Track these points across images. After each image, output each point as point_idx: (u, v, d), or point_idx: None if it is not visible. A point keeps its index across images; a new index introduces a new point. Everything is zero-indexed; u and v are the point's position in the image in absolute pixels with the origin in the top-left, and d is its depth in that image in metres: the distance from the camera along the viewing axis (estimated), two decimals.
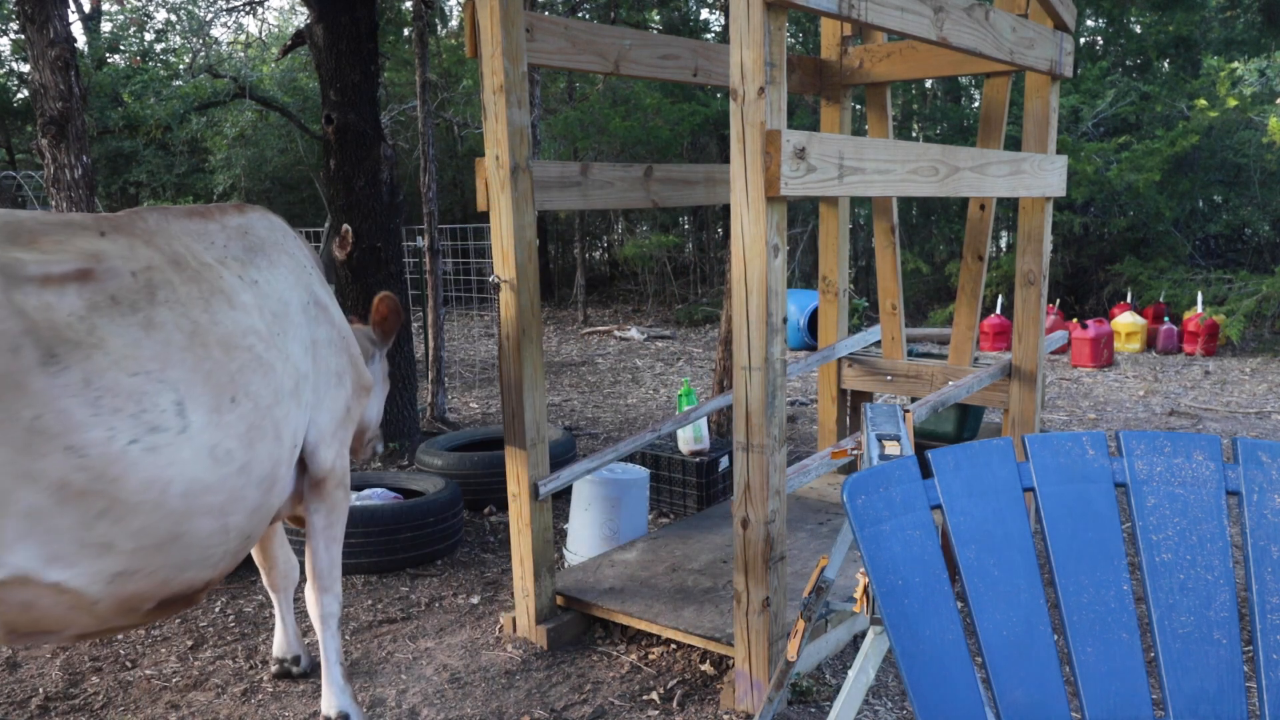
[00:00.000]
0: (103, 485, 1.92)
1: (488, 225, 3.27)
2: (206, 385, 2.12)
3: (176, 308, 2.13)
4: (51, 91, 3.99)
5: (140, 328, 2.03)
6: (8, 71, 12.88)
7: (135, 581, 2.05)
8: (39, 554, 1.89)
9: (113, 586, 2.02)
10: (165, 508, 2.03)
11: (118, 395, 1.95)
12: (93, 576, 1.98)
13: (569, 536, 4.12)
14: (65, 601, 1.98)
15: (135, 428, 1.97)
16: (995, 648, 1.66)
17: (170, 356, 2.06)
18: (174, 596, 2.19)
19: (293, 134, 14.74)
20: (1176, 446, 1.77)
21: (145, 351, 2.02)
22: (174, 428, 2.03)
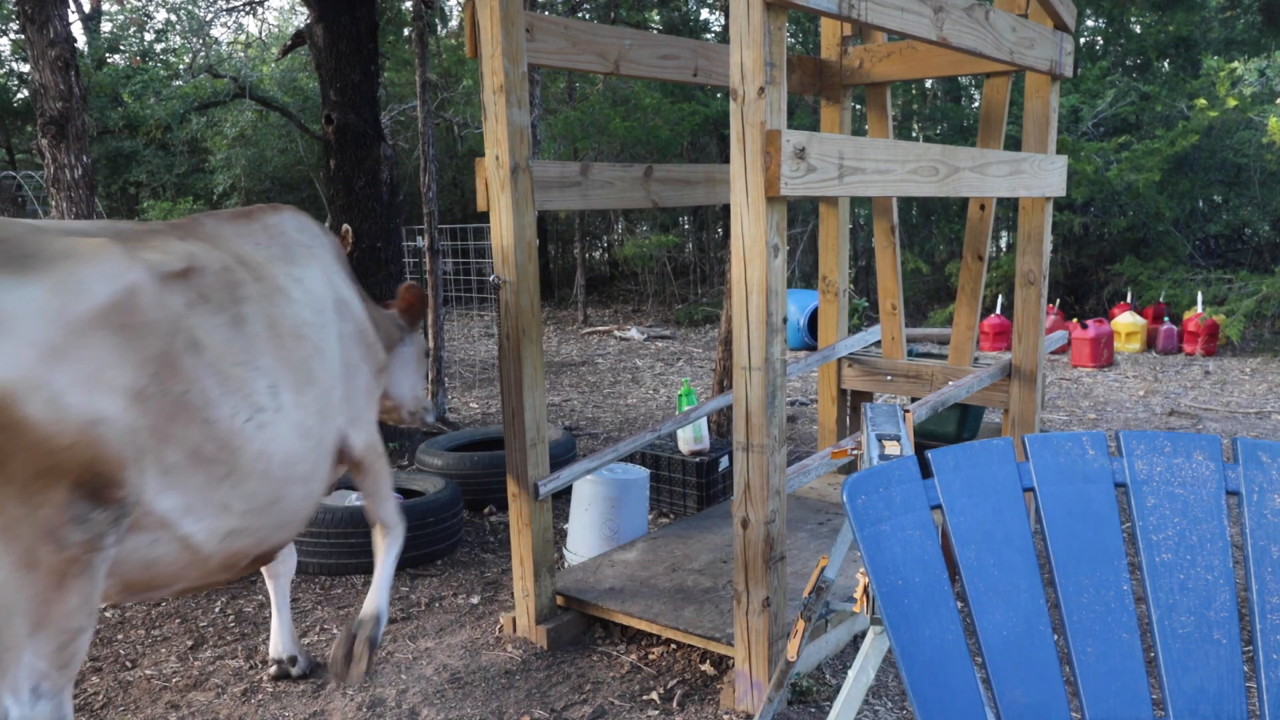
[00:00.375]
0: (226, 454, 2.23)
1: (488, 225, 3.28)
2: (287, 370, 2.42)
3: (253, 303, 2.40)
4: (51, 91, 3.99)
5: (231, 322, 2.31)
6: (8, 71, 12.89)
7: (241, 540, 2.34)
8: (178, 505, 2.17)
9: (224, 543, 2.30)
10: (270, 476, 2.34)
11: (233, 379, 2.26)
12: (212, 532, 2.26)
13: (569, 536, 4.12)
14: (185, 557, 2.25)
15: (248, 407, 2.28)
16: (995, 648, 1.66)
17: (259, 347, 2.35)
18: (263, 554, 2.49)
19: (293, 134, 14.74)
20: (1176, 446, 1.77)
21: (240, 343, 2.31)
22: (272, 407, 2.34)
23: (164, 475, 2.13)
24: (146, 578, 2.23)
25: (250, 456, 2.28)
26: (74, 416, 1.93)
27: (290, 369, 2.43)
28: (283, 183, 15.71)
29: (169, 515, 2.17)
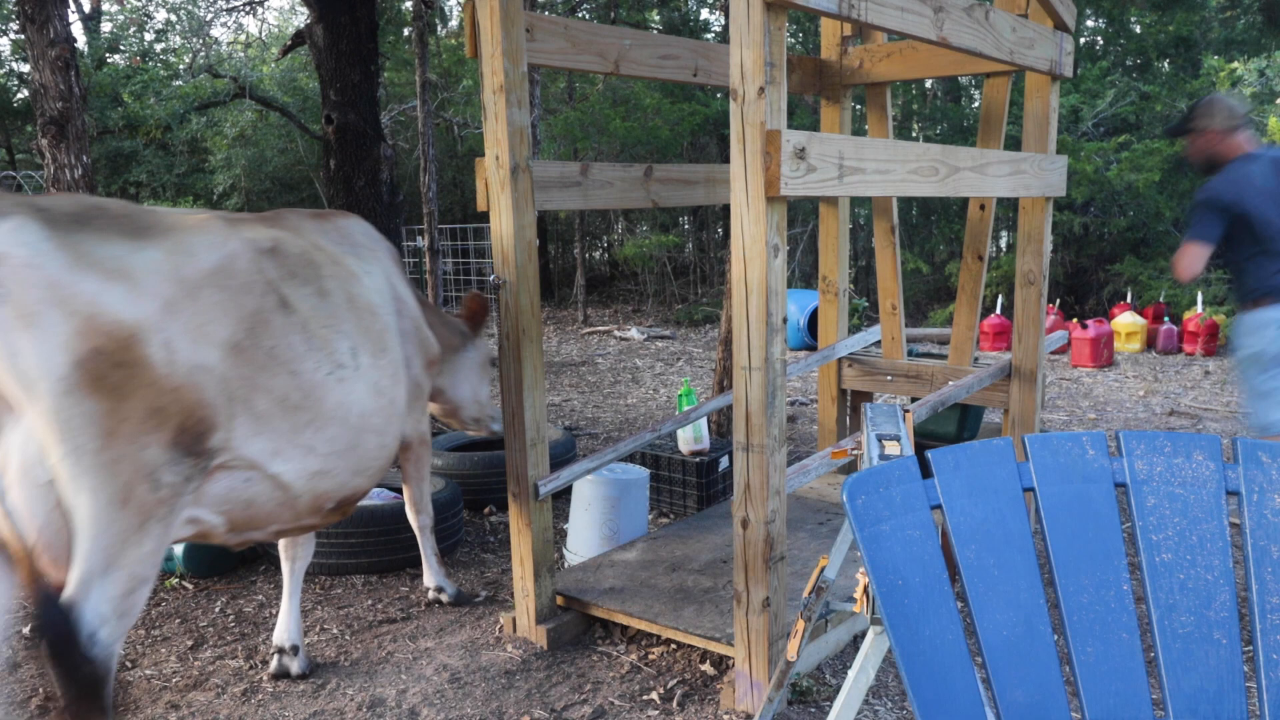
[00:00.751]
0: (310, 403, 2.53)
1: (488, 225, 3.29)
2: (365, 338, 2.76)
3: (334, 280, 2.73)
4: (51, 91, 3.99)
5: (317, 293, 2.64)
6: (8, 71, 12.89)
7: (326, 481, 2.64)
8: (266, 448, 2.45)
9: (311, 483, 2.60)
10: (348, 424, 2.65)
11: (319, 339, 2.58)
12: (299, 472, 2.55)
13: (569, 536, 4.13)
14: (278, 496, 2.54)
15: (330, 363, 2.60)
16: (995, 648, 1.66)
17: (342, 315, 2.70)
18: (346, 499, 2.78)
19: (293, 134, 14.74)
20: (1176, 446, 1.77)
21: (326, 310, 2.65)
22: (351, 366, 2.67)
23: (254, 420, 2.41)
24: (247, 516, 2.52)
25: (331, 405, 2.59)
26: (182, 361, 2.21)
27: (368, 337, 2.77)
28: (283, 183, 15.72)
29: (259, 457, 2.44)
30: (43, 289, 2.05)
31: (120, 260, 2.17)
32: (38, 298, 2.04)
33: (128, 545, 2.17)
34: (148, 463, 2.16)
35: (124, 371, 2.11)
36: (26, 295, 2.03)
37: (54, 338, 2.04)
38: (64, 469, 2.09)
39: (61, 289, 2.06)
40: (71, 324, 2.06)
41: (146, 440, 2.15)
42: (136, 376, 2.13)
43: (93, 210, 2.24)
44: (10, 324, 2.02)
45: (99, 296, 2.10)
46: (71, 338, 2.05)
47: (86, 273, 2.10)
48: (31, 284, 2.03)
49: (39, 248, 2.06)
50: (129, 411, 2.12)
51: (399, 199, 5.83)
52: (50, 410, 2.06)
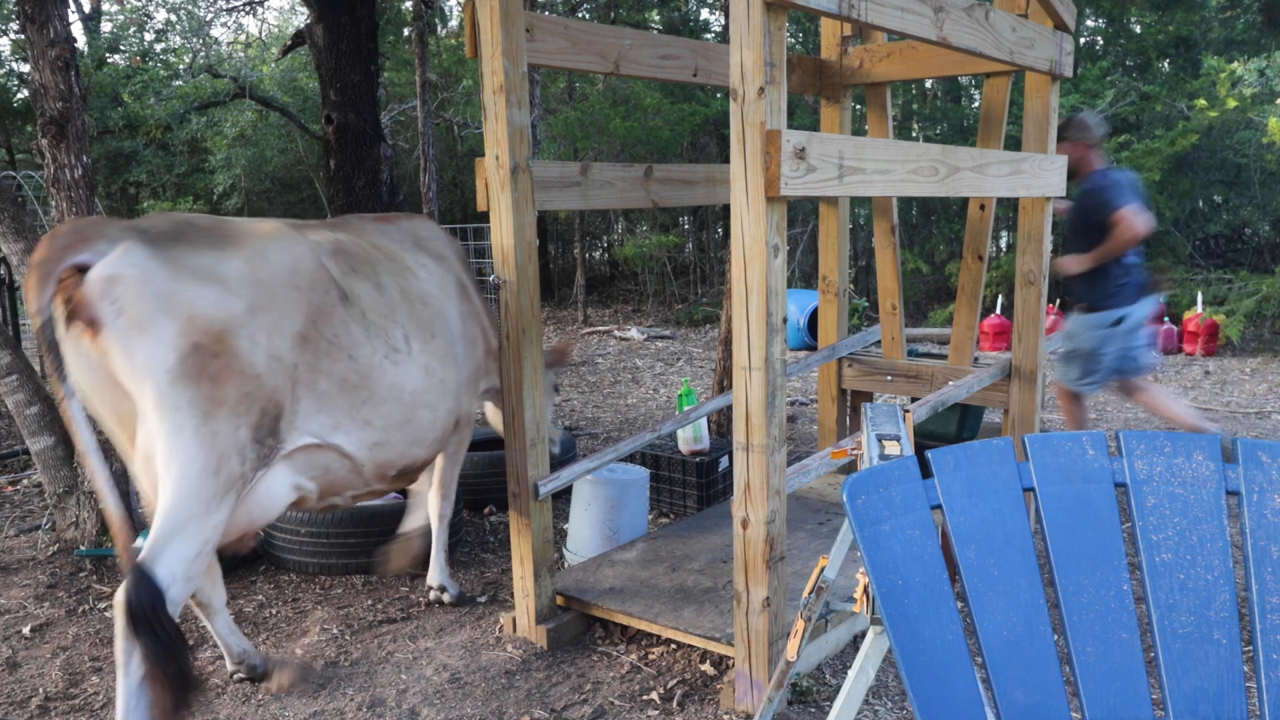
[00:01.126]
0: (367, 383, 2.87)
1: (488, 225, 3.30)
2: (416, 325, 3.08)
3: (389, 276, 3.07)
4: (51, 91, 3.99)
5: (375, 288, 2.98)
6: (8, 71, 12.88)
7: (386, 451, 2.97)
8: (326, 423, 2.78)
9: (372, 453, 2.93)
10: (401, 401, 2.98)
11: (375, 327, 2.91)
12: (359, 444, 2.88)
13: (569, 536, 4.12)
14: (346, 465, 2.89)
15: (385, 348, 2.93)
16: (995, 648, 1.66)
17: (396, 306, 3.02)
18: (407, 467, 3.12)
19: (293, 134, 14.74)
20: (1176, 446, 1.77)
21: (382, 302, 2.98)
22: (404, 351, 3.00)
23: (316, 400, 2.74)
24: (329, 482, 2.90)
25: (387, 385, 2.92)
26: (263, 352, 2.56)
27: (419, 325, 3.09)
28: (282, 183, 15.72)
29: (321, 431, 2.78)
30: (151, 300, 2.39)
31: (210, 268, 2.52)
32: (148, 308, 2.39)
33: (209, 511, 2.50)
34: (239, 440, 2.53)
35: (219, 362, 2.48)
36: (138, 307, 2.39)
37: (162, 338, 2.40)
38: (163, 445, 2.44)
39: (165, 298, 2.41)
40: (176, 325, 2.42)
41: (238, 420, 2.52)
42: (229, 366, 2.49)
43: (184, 226, 2.61)
44: (127, 332, 2.39)
45: (196, 301, 2.46)
46: (176, 337, 2.42)
47: (184, 282, 2.46)
48: (142, 297, 2.39)
49: (145, 266, 2.41)
50: (224, 396, 2.49)
51: (399, 199, 5.83)
52: (158, 397, 2.41)
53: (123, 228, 2.47)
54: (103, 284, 2.37)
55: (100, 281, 2.37)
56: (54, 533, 4.50)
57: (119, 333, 2.38)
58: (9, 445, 6.16)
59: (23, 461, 5.81)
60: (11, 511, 4.97)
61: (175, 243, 2.51)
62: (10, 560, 4.27)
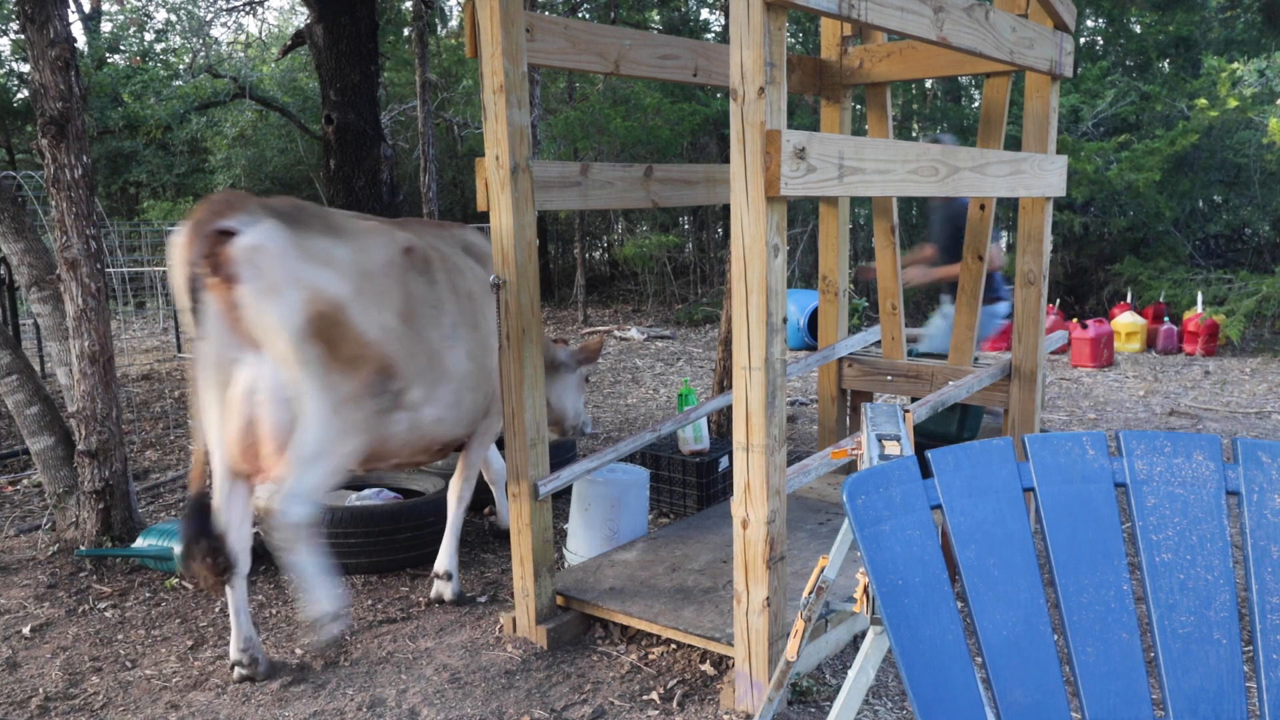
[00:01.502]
0: (437, 363, 3.36)
1: (488, 225, 3.30)
2: (463, 317, 3.50)
3: (443, 274, 3.46)
4: (51, 91, 3.98)
5: (429, 283, 3.38)
6: (8, 71, 12.89)
7: (440, 427, 3.43)
8: (421, 395, 3.31)
9: (432, 428, 3.40)
10: (456, 381, 3.45)
11: (431, 316, 3.35)
12: (430, 418, 3.37)
13: (569, 536, 4.12)
14: (410, 435, 3.33)
15: (442, 335, 3.39)
16: (995, 648, 1.66)
17: (447, 300, 3.44)
18: (448, 444, 3.59)
19: (293, 134, 14.74)
20: (1176, 446, 1.77)
21: (434, 295, 3.39)
22: (454, 338, 3.44)
23: (415, 374, 3.24)
24: (381, 448, 3.29)
25: (447, 366, 3.40)
26: (373, 322, 3.10)
27: (464, 316, 3.51)
28: (282, 183, 15.71)
29: (415, 401, 3.28)
30: (284, 272, 2.90)
31: (327, 253, 3.04)
32: (281, 278, 2.89)
33: (335, 444, 3.05)
34: (353, 390, 3.08)
35: (336, 329, 3.01)
36: (274, 275, 2.88)
37: (291, 304, 2.91)
38: (300, 388, 2.98)
39: (295, 273, 2.92)
40: (302, 296, 2.93)
41: (353, 375, 3.07)
42: (344, 333, 3.03)
43: (299, 211, 3.08)
44: (262, 293, 2.88)
45: (317, 279, 2.97)
46: (302, 305, 2.92)
47: (310, 262, 2.97)
48: (277, 269, 2.89)
49: (283, 243, 2.92)
50: (341, 354, 3.03)
51: (399, 199, 5.84)
52: (290, 350, 2.93)
53: (260, 204, 2.97)
54: (248, 250, 2.85)
55: (247, 248, 2.85)
56: (54, 533, 4.50)
57: (255, 292, 2.87)
58: (9, 445, 6.17)
59: (23, 461, 5.82)
60: (11, 511, 4.97)
61: (299, 225, 3.02)
62: (10, 560, 4.27)
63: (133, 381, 8.84)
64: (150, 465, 5.89)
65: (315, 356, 2.97)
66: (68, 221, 4.05)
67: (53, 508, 4.47)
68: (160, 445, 6.39)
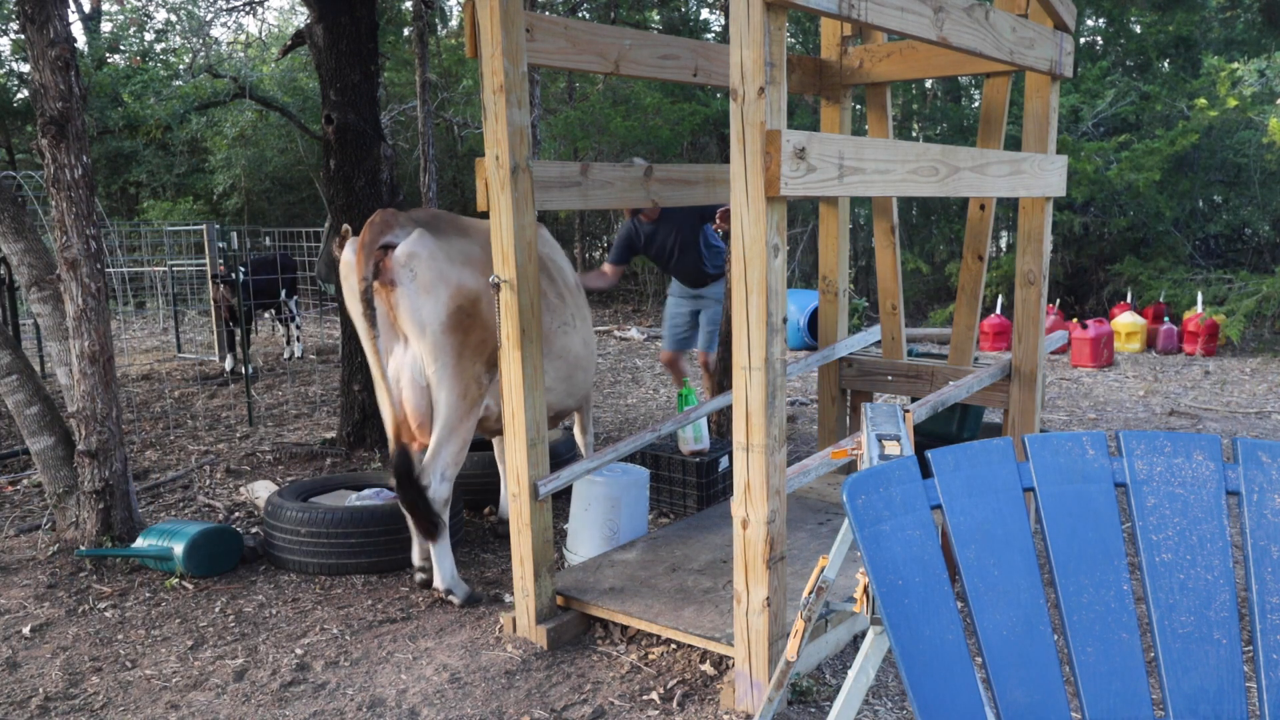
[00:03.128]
0: (547, 344, 3.88)
1: (488, 225, 3.30)
2: (579, 307, 4.15)
3: (555, 270, 4.09)
4: (51, 91, 3.98)
5: (548, 278, 3.99)
6: (8, 71, 12.89)
7: (550, 395, 3.89)
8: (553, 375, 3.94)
9: (548, 396, 3.75)
10: (568, 361, 4.05)
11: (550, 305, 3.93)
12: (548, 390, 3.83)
13: (569, 536, 4.12)
14: None
15: (558, 322, 3.98)
16: (995, 648, 1.66)
17: (563, 291, 4.05)
18: (560, 412, 4.18)
19: (293, 134, 14.75)
20: (1176, 446, 1.77)
21: (554, 288, 4.00)
22: (570, 324, 4.05)
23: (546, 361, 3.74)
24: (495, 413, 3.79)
25: (558, 347, 3.97)
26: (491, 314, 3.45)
27: (579, 307, 4.14)
28: (282, 183, 15.72)
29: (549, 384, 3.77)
30: (436, 273, 3.44)
31: (466, 252, 3.53)
32: (433, 278, 3.44)
33: (463, 422, 3.59)
34: (477, 373, 3.58)
35: (471, 319, 3.51)
36: (427, 276, 3.43)
37: (441, 300, 3.44)
38: (434, 377, 3.54)
39: (445, 273, 3.45)
40: (450, 292, 3.45)
41: (478, 359, 3.57)
42: (476, 322, 3.53)
43: (436, 219, 3.62)
44: (419, 293, 3.43)
45: (461, 277, 3.48)
46: (449, 300, 3.45)
47: (454, 262, 3.48)
48: (431, 270, 3.43)
49: (433, 248, 3.45)
50: (471, 343, 3.53)
51: (399, 199, 5.83)
52: (432, 342, 3.46)
53: (408, 217, 3.51)
54: (406, 258, 3.41)
55: (404, 256, 3.41)
56: (54, 533, 4.50)
57: (411, 292, 3.42)
58: (9, 445, 6.17)
59: (23, 461, 5.82)
60: (11, 511, 4.97)
61: (439, 232, 3.51)
62: (10, 560, 4.27)
63: (133, 381, 8.84)
64: (150, 465, 5.89)
65: (452, 345, 3.48)
66: (68, 221, 4.05)
67: (53, 508, 4.47)
68: (160, 445, 6.39)
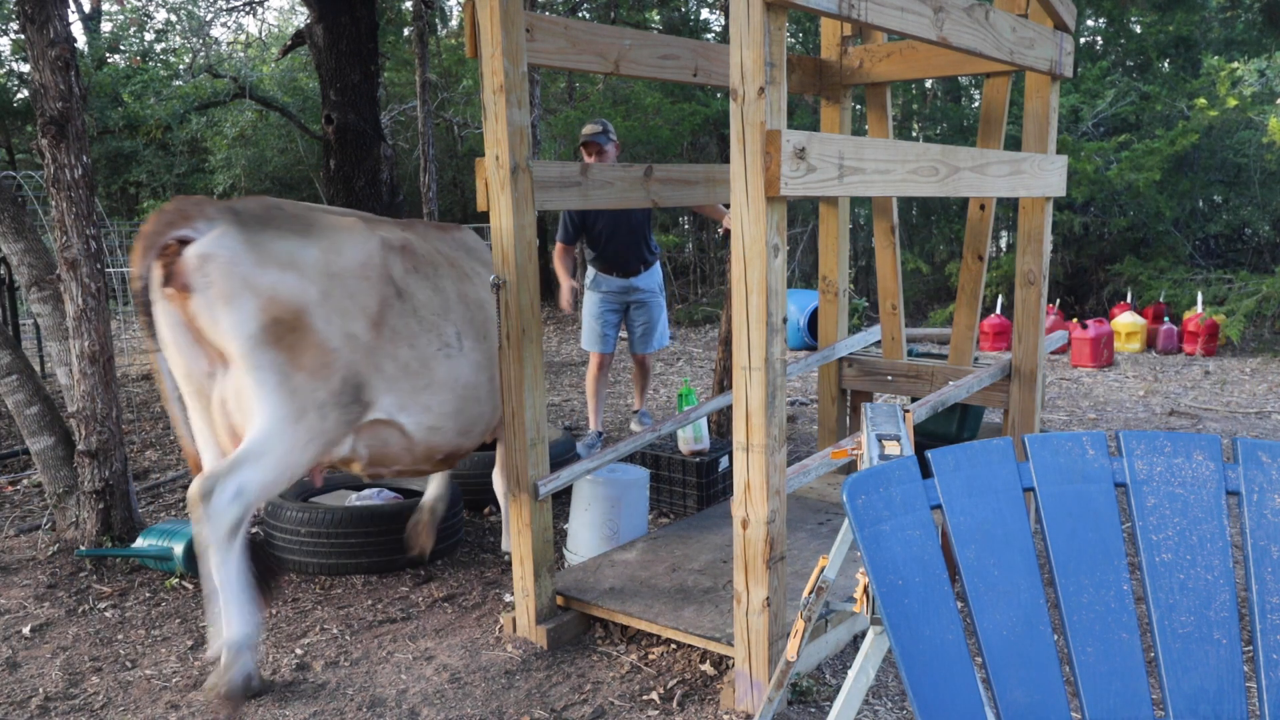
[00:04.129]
0: (426, 371, 3.24)
1: (488, 225, 3.29)
2: (470, 327, 3.43)
3: (447, 279, 3.40)
4: (51, 91, 3.98)
5: (432, 288, 3.31)
6: (8, 71, 12.88)
7: (438, 436, 3.34)
8: (394, 403, 3.18)
9: (426, 436, 3.31)
10: (455, 392, 3.36)
11: (429, 323, 3.27)
12: (418, 425, 3.26)
13: (569, 536, 4.12)
14: (402, 442, 3.26)
15: (440, 343, 3.29)
16: (995, 648, 1.66)
17: (451, 307, 3.37)
18: (452, 453, 3.48)
19: (293, 134, 14.74)
20: (1176, 446, 1.77)
21: (438, 301, 3.32)
22: (456, 347, 3.36)
23: (385, 381, 3.12)
24: (382, 454, 3.26)
25: (441, 375, 3.30)
26: (336, 332, 2.96)
27: (472, 326, 3.44)
28: (282, 183, 15.70)
29: (390, 409, 3.16)
30: (237, 279, 2.81)
31: (291, 255, 2.92)
32: (234, 285, 2.81)
33: (291, 453, 2.94)
34: (318, 399, 2.96)
35: (296, 335, 2.90)
36: (226, 283, 2.80)
37: (244, 311, 2.82)
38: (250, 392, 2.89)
39: (251, 279, 2.83)
40: (257, 302, 2.83)
41: (318, 384, 2.95)
42: (305, 339, 2.92)
43: (274, 210, 3.00)
44: (214, 302, 2.81)
45: (276, 284, 2.87)
46: (257, 311, 2.83)
47: (268, 267, 2.86)
48: (229, 276, 2.81)
49: (235, 249, 2.82)
50: (303, 363, 2.92)
51: (399, 199, 5.83)
52: (243, 355, 2.85)
53: (220, 209, 2.87)
54: (198, 259, 2.80)
55: (196, 257, 2.80)
56: (54, 533, 4.50)
57: (207, 301, 2.82)
58: (9, 445, 6.17)
59: (23, 461, 5.82)
60: (11, 511, 4.97)
61: (264, 227, 2.92)
62: (10, 560, 4.27)
63: (133, 381, 8.84)
64: (150, 465, 5.89)
65: (273, 361, 2.88)
66: (68, 221, 4.05)
67: (53, 508, 4.47)
68: (160, 445, 6.39)
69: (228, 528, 2.84)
